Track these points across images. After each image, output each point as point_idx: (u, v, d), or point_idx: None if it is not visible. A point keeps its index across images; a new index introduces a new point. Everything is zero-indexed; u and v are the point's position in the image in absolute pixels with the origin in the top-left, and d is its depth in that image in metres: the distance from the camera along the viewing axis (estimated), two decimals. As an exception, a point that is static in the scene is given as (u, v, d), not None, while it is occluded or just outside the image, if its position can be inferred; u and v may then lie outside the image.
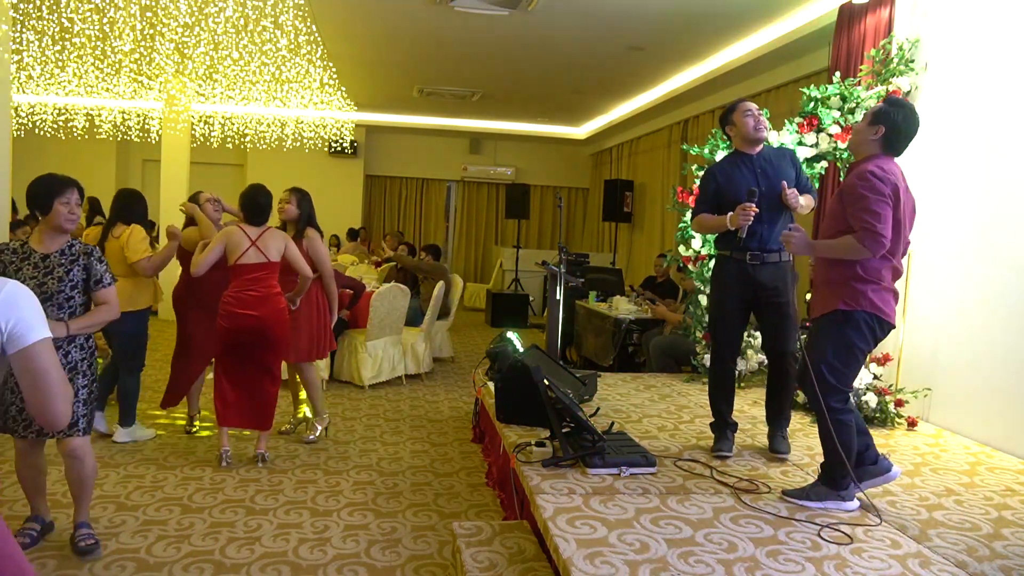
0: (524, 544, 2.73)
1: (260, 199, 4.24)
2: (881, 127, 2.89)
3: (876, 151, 2.92)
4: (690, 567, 2.31)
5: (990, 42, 4.20)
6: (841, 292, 2.90)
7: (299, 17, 6.24)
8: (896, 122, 2.88)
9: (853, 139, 3.05)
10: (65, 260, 2.99)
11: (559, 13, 6.44)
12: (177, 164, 9.59)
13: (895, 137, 2.90)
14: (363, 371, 6.19)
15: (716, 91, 8.38)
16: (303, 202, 4.63)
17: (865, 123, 2.96)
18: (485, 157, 14.12)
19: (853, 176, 2.91)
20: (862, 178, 2.83)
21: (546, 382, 3.34)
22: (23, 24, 6.46)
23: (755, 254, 3.52)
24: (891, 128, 2.88)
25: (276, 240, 4.19)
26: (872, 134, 2.91)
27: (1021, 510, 3.03)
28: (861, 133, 2.97)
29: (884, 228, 2.77)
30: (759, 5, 5.98)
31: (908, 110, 2.92)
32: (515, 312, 10.79)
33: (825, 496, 2.92)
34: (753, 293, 3.57)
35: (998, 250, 4.07)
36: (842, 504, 2.90)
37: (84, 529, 3.10)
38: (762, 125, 3.58)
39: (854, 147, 3.06)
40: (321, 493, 3.84)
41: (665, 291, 7.38)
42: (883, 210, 2.77)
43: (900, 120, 2.88)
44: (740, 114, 3.59)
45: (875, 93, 4.75)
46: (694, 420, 4.22)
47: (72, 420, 2.98)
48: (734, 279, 3.58)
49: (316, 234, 4.64)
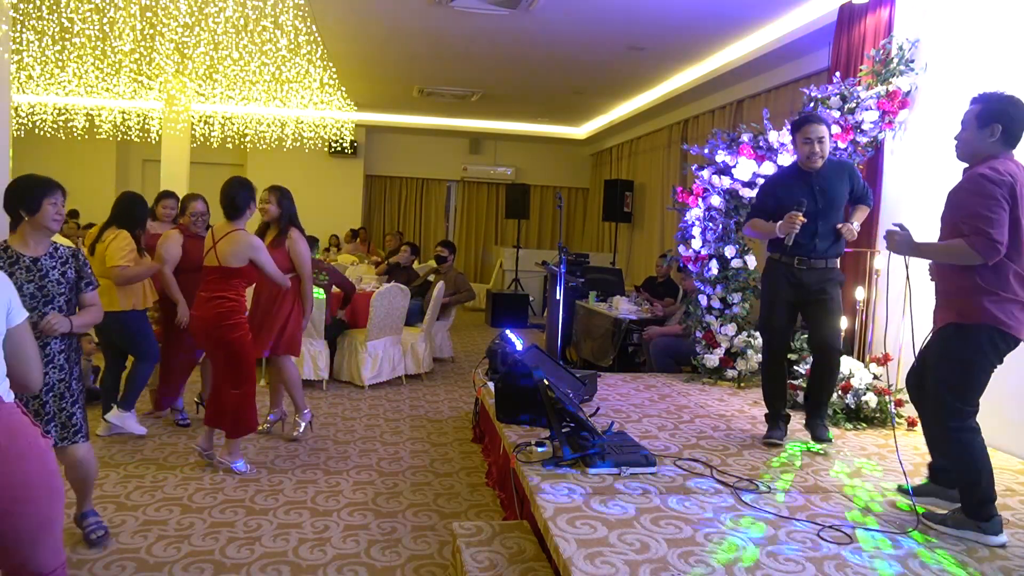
0: (524, 544, 2.73)
1: (229, 191, 4.10)
2: (997, 126, 2.70)
3: (995, 152, 2.73)
4: (690, 567, 2.31)
5: (990, 42, 4.20)
6: (956, 304, 2.73)
7: (299, 17, 6.23)
8: (1013, 116, 2.69)
9: (964, 149, 2.83)
10: (56, 263, 3.00)
11: (559, 13, 6.44)
12: (177, 164, 9.59)
13: (1016, 130, 2.71)
14: (363, 371, 6.18)
15: (716, 91, 8.38)
16: (283, 201, 4.56)
17: (974, 128, 2.75)
18: (485, 157, 14.12)
19: (963, 181, 2.75)
20: (972, 181, 2.68)
21: (546, 382, 3.34)
22: (23, 24, 6.46)
23: (803, 259, 3.72)
24: (1009, 123, 2.69)
25: (237, 248, 3.99)
26: (989, 136, 2.72)
27: (1021, 510, 3.03)
28: (973, 141, 2.76)
29: (998, 233, 2.57)
30: (759, 5, 5.99)
31: (1017, 101, 2.72)
32: (515, 312, 10.79)
33: (963, 524, 2.68)
34: (799, 293, 3.78)
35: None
36: (983, 536, 2.63)
37: (92, 518, 3.17)
38: (816, 156, 3.68)
39: (968, 156, 2.82)
40: (321, 493, 3.84)
41: (665, 291, 7.38)
42: (996, 213, 2.58)
43: (1016, 113, 2.69)
44: (801, 138, 3.71)
45: (875, 93, 4.75)
46: (694, 420, 4.22)
47: (75, 427, 3.02)
48: (783, 280, 3.79)
49: (298, 234, 4.58)
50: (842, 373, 4.37)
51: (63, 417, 2.99)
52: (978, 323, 2.68)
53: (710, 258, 5.30)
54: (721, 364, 5.27)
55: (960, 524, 2.69)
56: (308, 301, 4.66)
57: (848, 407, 4.27)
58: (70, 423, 3.01)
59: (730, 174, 5.11)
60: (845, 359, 4.50)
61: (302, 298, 4.62)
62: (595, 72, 8.64)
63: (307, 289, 4.63)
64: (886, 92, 4.71)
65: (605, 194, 11.59)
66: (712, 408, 4.54)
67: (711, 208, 5.24)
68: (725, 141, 5.15)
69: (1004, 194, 2.61)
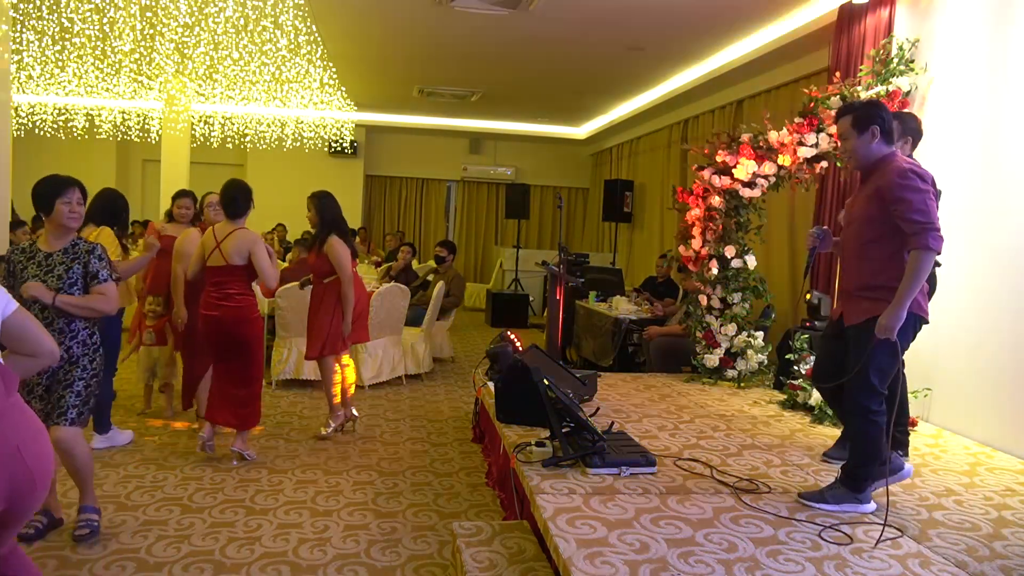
0: (524, 544, 2.73)
1: (231, 191, 4.27)
2: (875, 127, 2.90)
3: (883, 151, 2.93)
4: (690, 567, 2.31)
5: (990, 42, 4.20)
6: (885, 296, 2.83)
7: (299, 17, 6.24)
8: (882, 116, 2.92)
9: (859, 157, 2.97)
10: (67, 258, 3.11)
11: (559, 13, 6.44)
12: (177, 164, 9.58)
13: (890, 127, 2.94)
14: (363, 371, 6.18)
15: (716, 91, 8.38)
16: (322, 207, 4.69)
17: (855, 136, 2.93)
18: (485, 157, 14.12)
19: (890, 175, 2.83)
20: (902, 175, 2.79)
21: (546, 382, 3.34)
22: (23, 24, 6.47)
23: None
24: (881, 123, 2.91)
25: (240, 244, 4.14)
26: (870, 139, 2.91)
27: (1021, 510, 3.03)
28: (861, 147, 2.93)
29: (938, 223, 2.74)
30: (759, 5, 5.99)
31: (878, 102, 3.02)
32: (515, 312, 10.79)
33: (842, 498, 2.88)
34: None
35: (997, 251, 4.07)
36: (859, 507, 2.87)
37: (85, 513, 3.17)
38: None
39: (865, 162, 2.97)
40: (321, 493, 3.84)
41: (665, 291, 7.39)
42: (931, 206, 2.75)
43: (884, 112, 2.94)
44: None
45: (875, 93, 4.75)
46: (694, 420, 4.22)
47: (61, 409, 3.03)
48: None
49: (336, 240, 4.66)
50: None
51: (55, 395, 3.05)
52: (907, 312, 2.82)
53: (710, 258, 5.30)
54: (721, 364, 5.27)
55: (840, 498, 2.88)
56: (348, 303, 4.72)
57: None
58: (59, 403, 3.04)
59: (730, 174, 5.11)
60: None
61: (343, 300, 4.71)
62: (595, 72, 8.64)
63: (347, 291, 4.70)
64: (886, 92, 4.71)
65: (605, 194, 11.59)
66: (712, 408, 4.54)
67: (711, 208, 5.24)
68: (725, 141, 5.15)
69: (931, 188, 2.80)
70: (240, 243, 4.14)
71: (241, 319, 4.16)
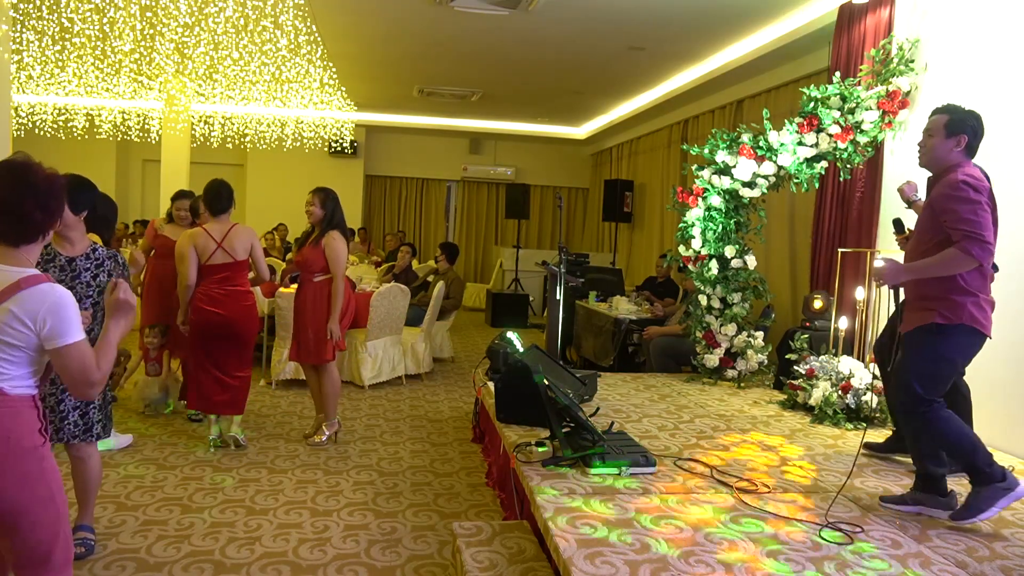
0: (524, 544, 2.73)
1: (214, 187, 4.34)
2: (964, 136, 2.87)
3: (958, 161, 2.88)
4: (690, 567, 2.31)
5: (990, 42, 4.20)
6: (939, 306, 2.80)
7: (299, 17, 6.24)
8: (976, 130, 2.89)
9: (928, 156, 2.95)
10: (91, 264, 3.05)
11: (559, 13, 6.44)
12: (177, 164, 9.59)
13: (977, 144, 2.90)
14: (363, 371, 6.19)
15: (716, 91, 8.38)
16: (327, 202, 4.62)
17: (942, 136, 2.89)
18: (485, 157, 14.12)
19: (943, 186, 2.83)
20: (955, 187, 2.77)
21: (546, 382, 3.34)
22: (23, 24, 6.46)
23: None
24: (972, 137, 2.88)
25: (241, 238, 4.33)
26: (955, 146, 2.88)
27: (1021, 510, 3.03)
28: (939, 149, 2.90)
29: (989, 235, 2.70)
30: (759, 5, 5.99)
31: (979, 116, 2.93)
32: (515, 312, 10.79)
33: (991, 495, 2.75)
34: None
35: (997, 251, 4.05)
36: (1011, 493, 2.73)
37: (82, 532, 3.09)
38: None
39: (930, 163, 2.96)
40: (321, 493, 3.84)
41: (665, 291, 7.39)
42: (983, 217, 2.71)
43: (979, 128, 2.90)
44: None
45: (875, 93, 4.75)
46: (694, 420, 4.22)
47: (87, 426, 3.02)
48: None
49: (337, 235, 4.57)
50: (842, 373, 4.38)
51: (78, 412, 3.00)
52: (959, 324, 2.79)
53: (710, 258, 5.30)
54: (721, 364, 5.27)
55: (991, 497, 2.73)
56: (338, 299, 4.54)
57: (848, 407, 4.26)
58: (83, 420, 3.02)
59: (730, 174, 5.11)
60: (845, 359, 4.51)
61: (333, 296, 4.54)
62: (595, 72, 8.64)
63: (338, 287, 4.54)
64: (886, 92, 4.71)
65: (605, 194, 11.60)
66: (712, 408, 4.54)
67: (711, 208, 5.24)
68: (724, 141, 5.15)
69: (985, 199, 2.76)
70: (244, 237, 4.34)
71: (251, 315, 4.36)
